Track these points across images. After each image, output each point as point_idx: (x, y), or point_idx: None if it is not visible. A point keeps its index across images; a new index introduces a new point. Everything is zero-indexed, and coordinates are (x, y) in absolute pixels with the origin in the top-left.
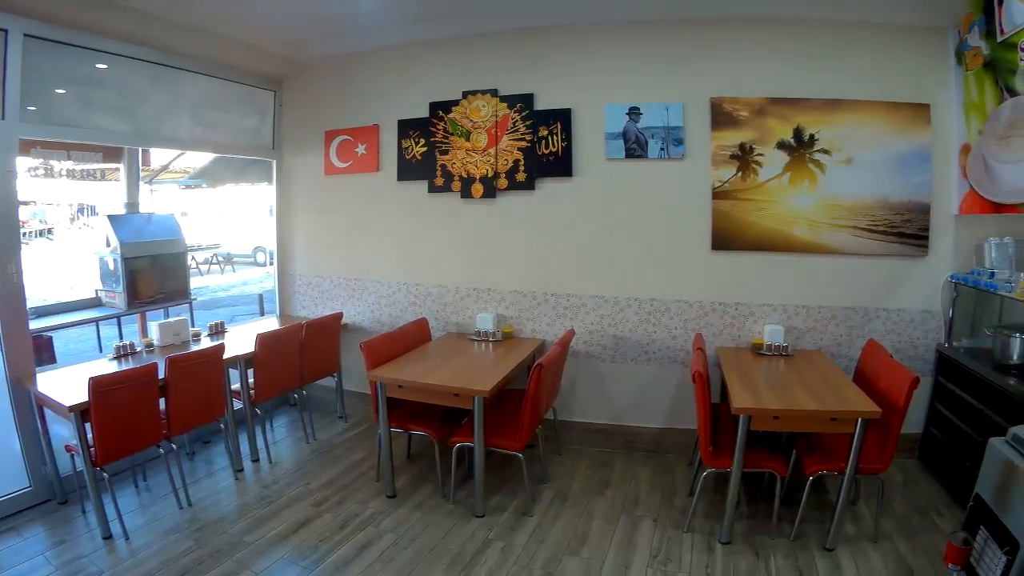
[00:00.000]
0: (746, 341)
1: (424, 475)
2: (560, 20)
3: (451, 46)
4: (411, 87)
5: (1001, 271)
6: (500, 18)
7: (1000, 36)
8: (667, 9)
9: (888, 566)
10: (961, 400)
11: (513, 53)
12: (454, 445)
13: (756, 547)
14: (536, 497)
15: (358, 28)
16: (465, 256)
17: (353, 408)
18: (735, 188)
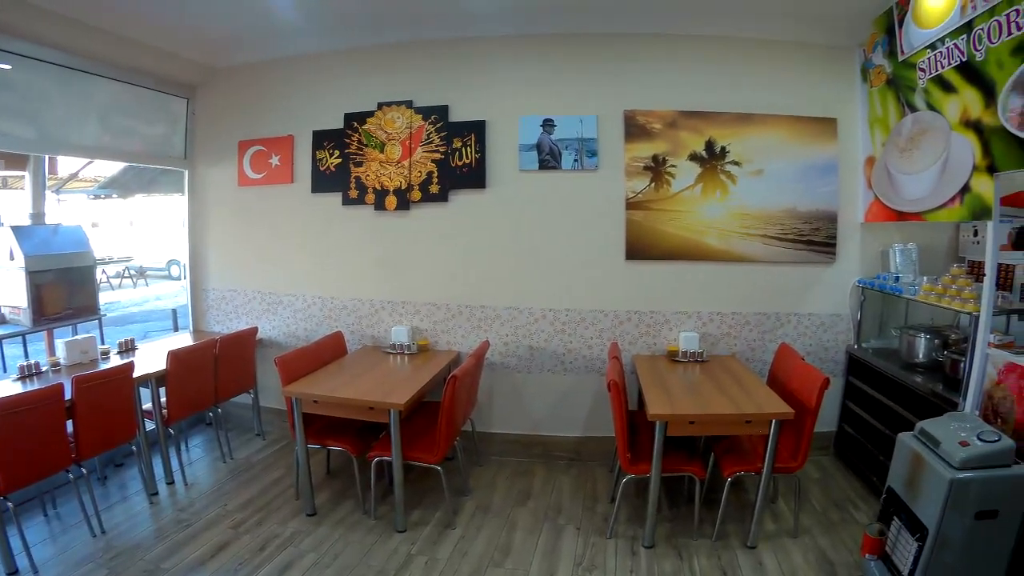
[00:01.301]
0: (662, 348)
1: (344, 491)
2: (475, 33)
3: (367, 57)
4: (326, 97)
5: (906, 275)
6: (416, 29)
7: (901, 56)
8: (582, 24)
9: (809, 560)
10: (871, 398)
11: (429, 65)
12: (372, 460)
13: (679, 549)
14: (458, 509)
15: (274, 36)
16: (380, 269)
17: (271, 425)
18: (648, 199)
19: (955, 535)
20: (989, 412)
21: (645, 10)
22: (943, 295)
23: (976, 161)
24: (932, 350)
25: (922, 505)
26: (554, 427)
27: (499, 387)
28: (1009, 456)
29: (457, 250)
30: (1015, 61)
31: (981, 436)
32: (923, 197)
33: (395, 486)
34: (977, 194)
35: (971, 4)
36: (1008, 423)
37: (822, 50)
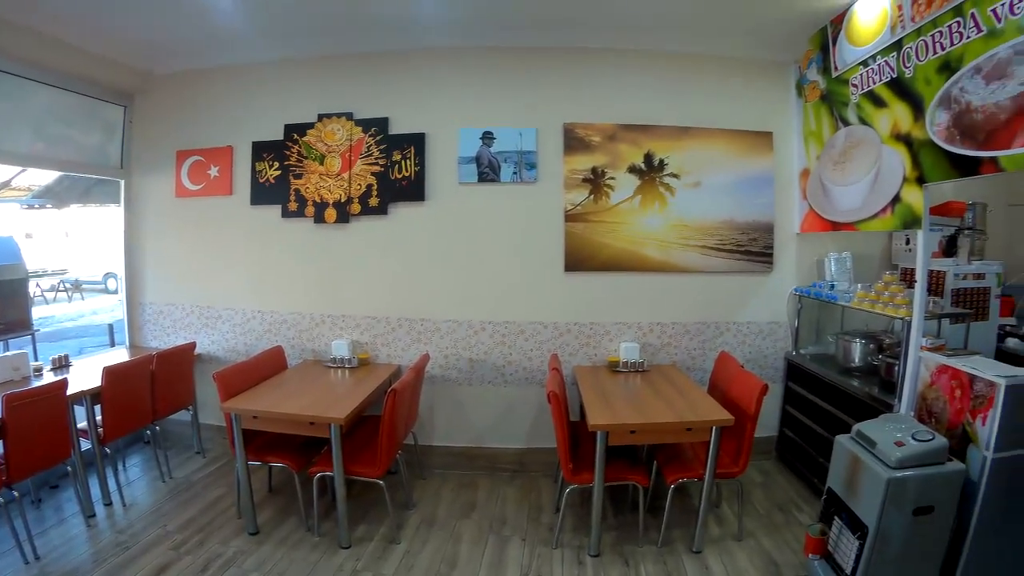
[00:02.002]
0: (602, 359)
1: (287, 508)
2: (416, 45)
3: (308, 67)
4: (267, 108)
5: (841, 283)
6: (357, 41)
7: (835, 72)
8: (522, 38)
9: (754, 562)
10: (810, 402)
11: (369, 77)
12: (314, 475)
13: (626, 556)
14: (402, 524)
15: (214, 43)
16: (319, 282)
17: (211, 442)
18: (587, 211)
19: (894, 532)
20: (923, 413)
21: (586, 25)
22: (876, 301)
23: (906, 173)
24: (867, 354)
25: (861, 504)
26: (497, 439)
27: (440, 400)
28: (943, 454)
29: (397, 263)
30: (941, 78)
31: (916, 436)
32: (856, 208)
33: (338, 501)
34: (907, 204)
35: (900, 24)
36: (941, 422)
37: (759, 66)
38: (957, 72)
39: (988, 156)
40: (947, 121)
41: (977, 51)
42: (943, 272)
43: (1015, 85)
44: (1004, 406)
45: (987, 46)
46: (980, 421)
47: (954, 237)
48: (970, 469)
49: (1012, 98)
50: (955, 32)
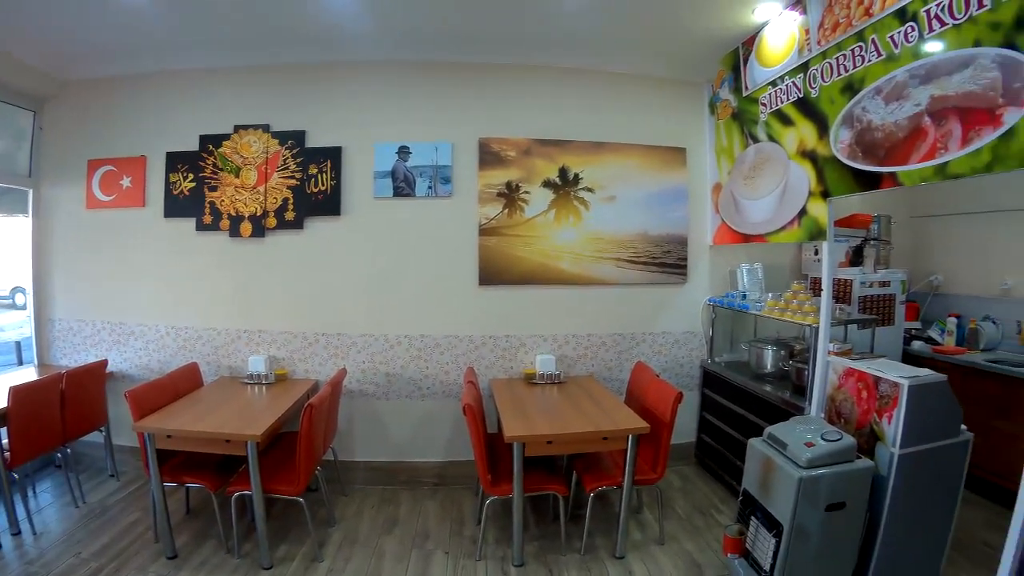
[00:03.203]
0: (518, 372)
1: (206, 530)
2: (333, 58)
3: (225, 77)
4: (182, 118)
5: (752, 293)
6: (274, 52)
7: (745, 92)
8: (439, 52)
9: (677, 564)
10: (726, 408)
11: (287, 89)
12: (232, 495)
13: (549, 565)
14: (325, 541)
15: (128, 49)
16: (235, 297)
17: (126, 464)
18: (502, 225)
19: (809, 528)
20: (833, 414)
21: (503, 41)
22: (786, 310)
23: (811, 187)
24: (779, 360)
25: (776, 503)
26: (417, 453)
27: (359, 415)
28: (851, 452)
29: (313, 277)
30: (844, 98)
31: (825, 436)
32: (765, 220)
33: (257, 521)
34: (813, 217)
35: (807, 47)
36: (850, 422)
37: (673, 84)
38: (859, 93)
39: (888, 172)
40: (850, 139)
41: (877, 74)
42: (850, 280)
43: (911, 106)
44: (907, 405)
45: (886, 69)
46: (886, 420)
47: (860, 247)
48: (879, 465)
49: (909, 118)
50: (857, 56)
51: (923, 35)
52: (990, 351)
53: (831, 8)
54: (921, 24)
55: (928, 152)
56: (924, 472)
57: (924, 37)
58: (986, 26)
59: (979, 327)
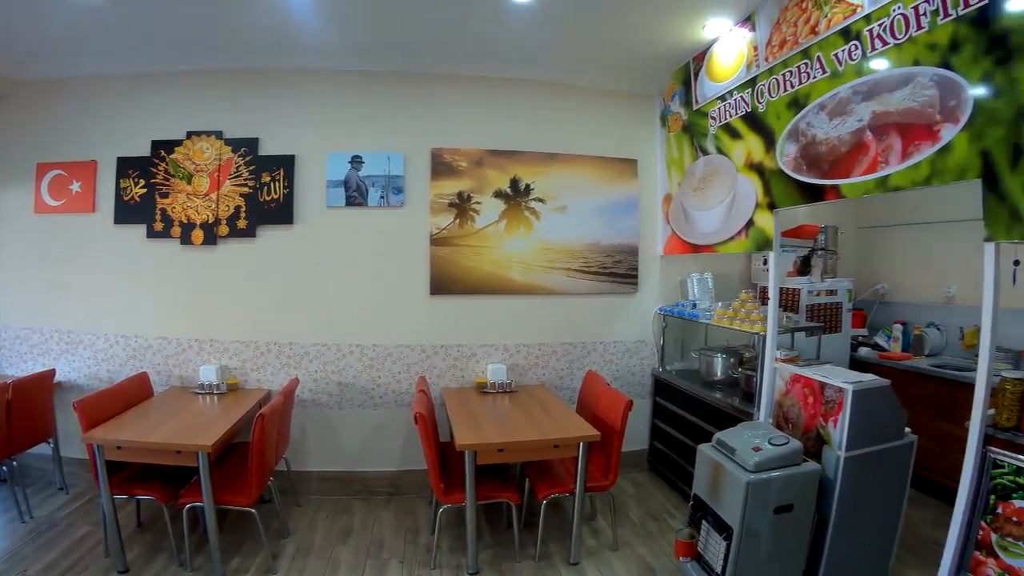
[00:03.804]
0: (470, 381)
1: (158, 543)
2: (288, 65)
3: (177, 82)
4: (133, 122)
5: (703, 301)
6: (228, 58)
7: (695, 105)
8: (393, 63)
9: (631, 569)
10: (677, 415)
11: (240, 96)
12: (184, 506)
13: (504, 573)
14: (278, 553)
15: (80, 51)
16: (186, 306)
17: (75, 477)
18: (453, 235)
19: (758, 530)
20: (780, 419)
21: (456, 52)
22: (734, 318)
23: (758, 199)
24: (728, 368)
25: (725, 507)
26: (370, 462)
27: (312, 424)
28: (798, 456)
29: (265, 286)
30: (790, 113)
31: (772, 441)
32: (714, 231)
33: (209, 532)
34: (760, 228)
35: (755, 63)
36: (797, 427)
37: (625, 97)
38: (804, 108)
39: (831, 184)
40: (795, 152)
41: (822, 90)
42: (798, 290)
43: (854, 121)
44: (852, 409)
45: (830, 86)
46: (832, 424)
47: (808, 257)
48: (826, 468)
49: (851, 132)
50: (803, 72)
51: (866, 54)
52: (935, 356)
53: (779, 26)
54: (864, 43)
55: (870, 166)
56: (870, 474)
57: (867, 56)
58: (924, 47)
59: (924, 333)
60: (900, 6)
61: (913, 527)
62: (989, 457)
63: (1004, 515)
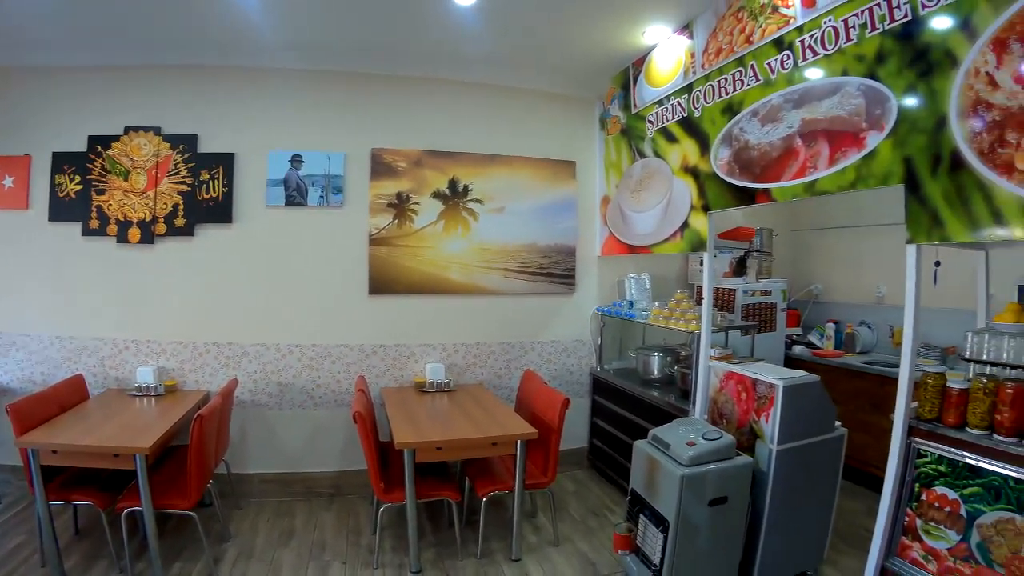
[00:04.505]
0: (409, 380)
1: (96, 551)
2: (228, 62)
3: (115, 76)
4: (70, 116)
5: (640, 301)
6: (166, 53)
7: (634, 109)
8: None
9: (572, 564)
10: (615, 413)
11: (180, 91)
12: (122, 511)
13: (447, 571)
14: (220, 557)
15: (11, 40)
16: (123, 306)
17: (8, 485)
18: (391, 235)
19: (694, 522)
20: (715, 415)
21: (397, 53)
22: (670, 317)
23: (693, 201)
24: (665, 366)
25: (661, 501)
26: (311, 463)
27: (252, 425)
28: (731, 450)
29: (203, 286)
30: (724, 119)
31: (705, 436)
32: (650, 232)
33: (149, 538)
34: (695, 229)
35: (692, 70)
36: (731, 422)
37: (565, 100)
38: (738, 114)
39: (762, 188)
40: (728, 156)
41: (755, 97)
42: (734, 290)
43: (784, 128)
44: (783, 404)
45: (763, 93)
46: (764, 419)
47: (744, 259)
48: (759, 461)
49: (782, 138)
50: (737, 80)
51: (797, 63)
52: (866, 353)
53: (716, 35)
54: (796, 53)
55: (799, 170)
56: (802, 466)
57: (798, 65)
58: (852, 58)
59: (855, 332)
60: (831, 19)
61: (849, 516)
62: (913, 447)
63: (927, 501)
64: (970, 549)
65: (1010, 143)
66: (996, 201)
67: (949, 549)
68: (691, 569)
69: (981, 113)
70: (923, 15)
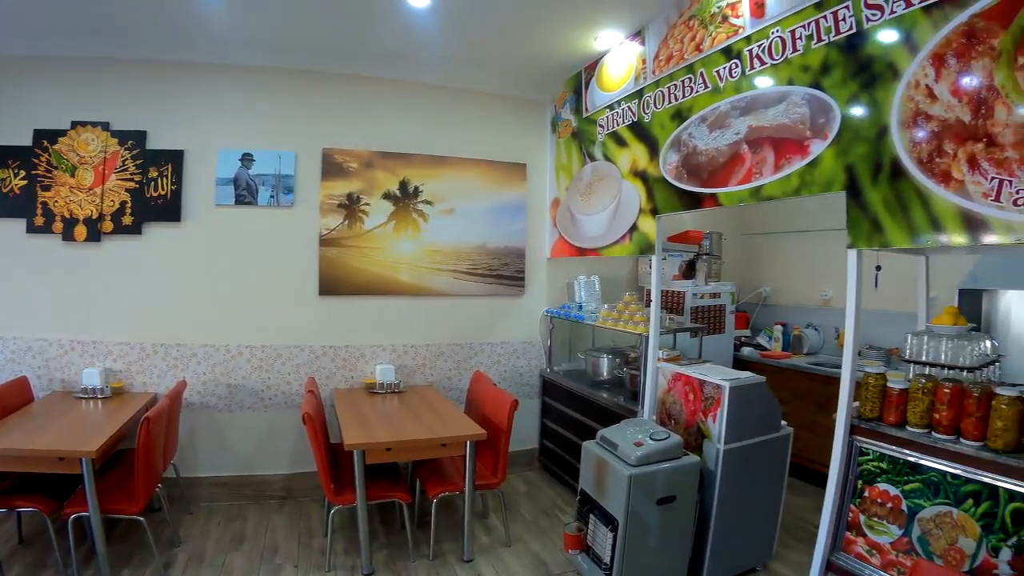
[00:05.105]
0: (359, 381)
1: (42, 559)
2: (179, 57)
3: (63, 68)
4: (14, 109)
5: (589, 304)
6: (115, 45)
7: (585, 113)
8: (288, 60)
9: (524, 564)
10: (565, 414)
11: (129, 86)
12: (69, 518)
13: (399, 572)
14: (170, 563)
15: None
16: (69, 305)
17: None
18: (342, 235)
19: (643, 521)
20: (664, 415)
21: (350, 53)
22: (619, 320)
23: (642, 205)
24: (614, 368)
25: (610, 500)
26: (262, 465)
27: (201, 428)
28: (678, 450)
29: (151, 286)
30: (673, 124)
31: (653, 436)
32: (599, 235)
33: (97, 544)
34: (643, 232)
35: (643, 76)
36: (679, 423)
37: (518, 102)
38: (687, 120)
39: (709, 192)
40: (677, 161)
41: (704, 104)
42: (683, 292)
43: (731, 134)
44: (729, 404)
45: (711, 100)
46: (711, 419)
47: (693, 262)
48: (707, 461)
49: (729, 144)
50: (687, 86)
51: (745, 72)
52: (812, 355)
53: (667, 42)
54: (744, 62)
55: (745, 176)
56: (749, 465)
57: (746, 74)
58: (798, 68)
59: (803, 334)
60: (778, 29)
61: (797, 512)
62: (856, 445)
63: (870, 497)
64: (911, 542)
65: (947, 153)
66: (934, 209)
67: (892, 543)
68: (641, 567)
69: (920, 124)
70: (867, 28)
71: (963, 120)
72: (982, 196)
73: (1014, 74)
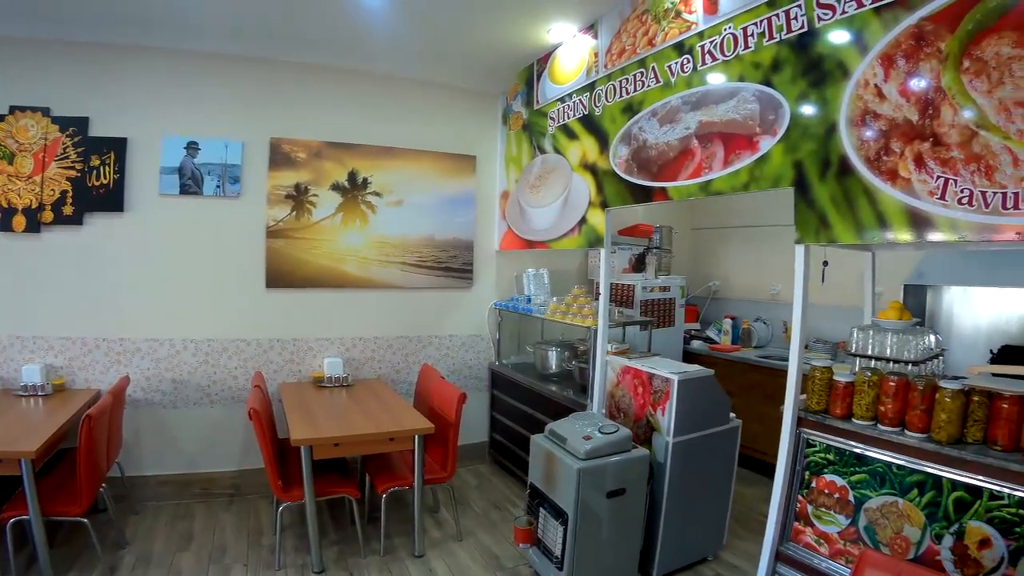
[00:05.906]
0: (307, 375)
1: None
2: (122, 40)
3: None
4: None
5: (538, 296)
6: (55, 26)
7: (536, 105)
8: (234, 46)
9: (475, 558)
10: (514, 408)
11: (70, 70)
12: (7, 521)
13: (350, 569)
14: (116, 565)
15: None
16: (6, 299)
17: None
18: (289, 227)
19: (593, 514)
20: (613, 409)
21: (299, 40)
22: (567, 312)
23: (591, 198)
24: (563, 361)
25: (560, 494)
26: (210, 463)
27: (145, 425)
28: (627, 443)
29: (93, 278)
30: (624, 118)
31: (602, 430)
32: (548, 227)
33: (38, 548)
34: (592, 225)
35: (595, 69)
36: (628, 416)
37: (469, 94)
38: (637, 114)
39: (659, 186)
40: (627, 155)
41: (655, 98)
42: (632, 286)
43: (681, 129)
44: (678, 397)
45: (663, 95)
46: (660, 412)
47: (643, 255)
48: (656, 453)
49: (679, 139)
50: (638, 80)
51: (696, 67)
52: (761, 348)
53: (619, 36)
54: (696, 58)
55: (694, 171)
56: (698, 456)
57: (697, 69)
58: (749, 64)
59: (752, 327)
60: (731, 26)
61: (748, 503)
62: (803, 437)
63: (817, 488)
64: (858, 532)
65: (894, 151)
66: (880, 206)
67: (839, 532)
68: (592, 559)
69: (869, 123)
70: (819, 27)
71: (910, 120)
72: (928, 194)
73: (960, 77)
